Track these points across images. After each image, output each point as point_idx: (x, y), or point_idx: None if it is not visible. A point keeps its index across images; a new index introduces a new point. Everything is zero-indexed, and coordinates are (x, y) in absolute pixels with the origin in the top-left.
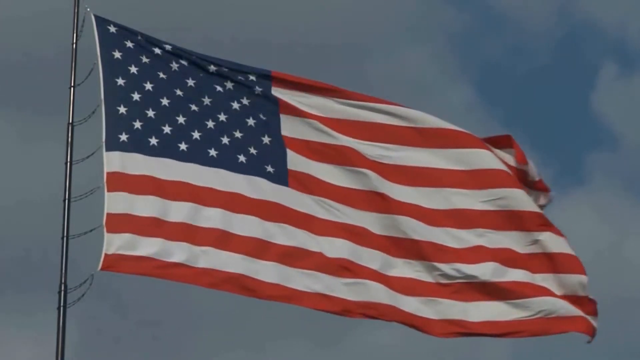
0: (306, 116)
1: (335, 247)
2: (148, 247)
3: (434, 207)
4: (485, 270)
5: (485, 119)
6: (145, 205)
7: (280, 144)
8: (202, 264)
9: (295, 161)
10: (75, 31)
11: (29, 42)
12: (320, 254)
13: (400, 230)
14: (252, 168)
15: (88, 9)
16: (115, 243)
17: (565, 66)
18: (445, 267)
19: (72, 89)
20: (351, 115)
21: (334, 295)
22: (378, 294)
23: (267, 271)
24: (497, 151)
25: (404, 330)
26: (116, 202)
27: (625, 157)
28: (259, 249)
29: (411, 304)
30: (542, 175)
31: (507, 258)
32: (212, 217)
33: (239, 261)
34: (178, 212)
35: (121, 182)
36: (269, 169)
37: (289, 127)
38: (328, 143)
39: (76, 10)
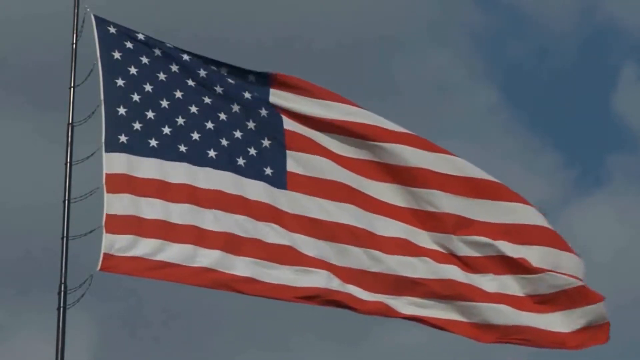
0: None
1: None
2: (147, 248)
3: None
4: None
5: (509, 121)
6: (145, 207)
7: (280, 146)
8: (202, 264)
9: (295, 162)
10: (75, 32)
11: (28, 43)
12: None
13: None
14: (251, 170)
15: (88, 10)
16: (115, 244)
17: (587, 68)
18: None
19: (72, 89)
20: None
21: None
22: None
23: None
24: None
25: (428, 330)
26: (115, 203)
27: None
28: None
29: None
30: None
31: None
32: (213, 219)
33: (247, 265)
34: (179, 214)
35: (120, 183)
36: (268, 171)
37: (290, 123)
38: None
39: (76, 11)
